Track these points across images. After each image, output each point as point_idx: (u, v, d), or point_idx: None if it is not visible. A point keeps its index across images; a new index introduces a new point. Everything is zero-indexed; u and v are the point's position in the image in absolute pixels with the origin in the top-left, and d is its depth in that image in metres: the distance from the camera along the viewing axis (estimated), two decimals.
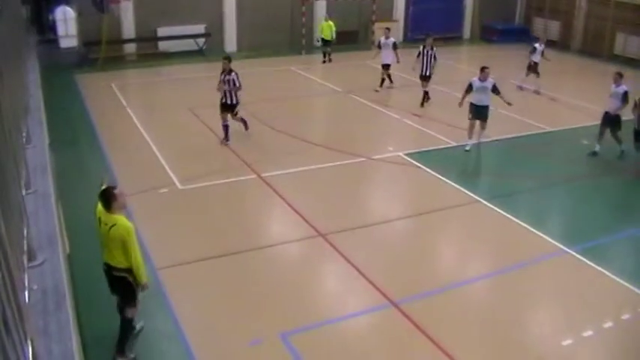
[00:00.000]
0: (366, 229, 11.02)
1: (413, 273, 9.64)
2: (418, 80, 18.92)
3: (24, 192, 6.18)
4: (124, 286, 7.04)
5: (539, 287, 9.46)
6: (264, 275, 9.40)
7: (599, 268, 9.71)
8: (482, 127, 15.22)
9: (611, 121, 14.67)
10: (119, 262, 6.89)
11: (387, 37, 20.65)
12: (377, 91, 20.44)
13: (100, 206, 6.91)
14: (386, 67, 20.64)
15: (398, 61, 20.44)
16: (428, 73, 18.69)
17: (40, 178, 7.04)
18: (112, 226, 6.73)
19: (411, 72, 19.60)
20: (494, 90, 14.98)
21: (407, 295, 8.85)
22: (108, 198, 6.81)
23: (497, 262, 10.22)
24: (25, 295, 4.24)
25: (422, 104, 18.66)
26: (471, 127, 15.12)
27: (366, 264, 9.61)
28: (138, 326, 7.77)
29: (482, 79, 15.00)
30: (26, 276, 4.63)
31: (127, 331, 7.29)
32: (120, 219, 6.77)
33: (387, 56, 20.52)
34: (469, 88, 15.16)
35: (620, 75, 14.69)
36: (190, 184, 12.52)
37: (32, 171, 7.03)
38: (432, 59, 18.67)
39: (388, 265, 9.81)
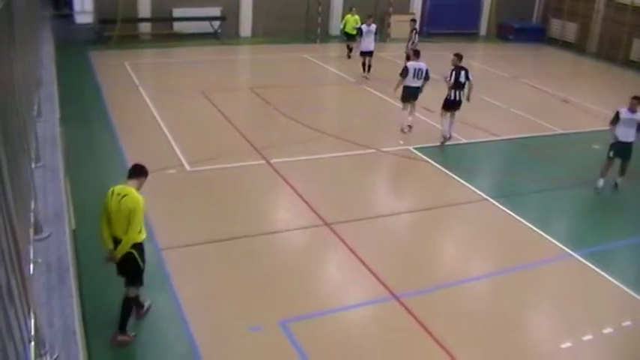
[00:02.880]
0: (372, 220, 11.01)
1: (416, 267, 9.64)
2: (432, 75, 17.20)
3: (33, 165, 6.19)
4: (130, 261, 7.02)
5: (542, 289, 9.44)
6: (267, 261, 9.41)
7: (603, 274, 9.68)
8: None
9: (622, 150, 12.73)
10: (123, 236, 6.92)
11: (368, 25, 21.03)
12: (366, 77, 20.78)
13: (114, 188, 6.95)
14: (368, 54, 20.93)
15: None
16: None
17: (49, 152, 7.05)
18: (124, 196, 6.79)
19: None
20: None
21: (409, 289, 8.84)
22: (140, 171, 7.11)
23: (502, 261, 10.19)
24: (29, 267, 4.25)
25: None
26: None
27: (370, 256, 9.60)
28: (146, 304, 7.80)
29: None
30: (32, 248, 4.64)
31: (129, 309, 7.30)
32: (132, 190, 6.86)
33: (369, 44, 20.87)
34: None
35: (638, 100, 12.49)
36: (199, 166, 12.53)
37: (42, 144, 7.05)
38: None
39: (392, 258, 9.81)
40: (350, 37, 23.90)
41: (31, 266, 4.37)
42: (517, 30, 30.78)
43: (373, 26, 21.07)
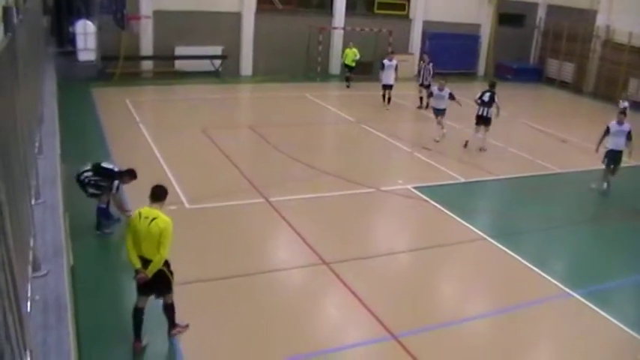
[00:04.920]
0: (371, 260, 10.98)
1: (414, 307, 9.58)
2: (431, 115, 18.95)
3: (33, 202, 6.20)
4: (162, 278, 7.55)
5: (542, 329, 9.37)
6: (266, 300, 9.36)
7: (603, 313, 9.62)
8: (614, 171, 15.45)
9: (615, 157, 15.28)
10: (156, 255, 7.39)
11: (390, 60, 22.49)
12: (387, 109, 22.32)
13: (140, 210, 7.46)
14: (388, 87, 22.22)
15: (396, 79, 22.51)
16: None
17: (49, 189, 7.06)
18: (154, 219, 7.32)
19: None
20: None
21: (407, 329, 8.78)
22: (161, 192, 7.64)
23: (500, 301, 10.14)
24: (27, 305, 4.23)
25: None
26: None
27: (368, 295, 9.55)
28: (144, 342, 7.84)
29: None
30: (29, 286, 4.62)
31: (172, 311, 7.93)
32: (160, 213, 7.42)
33: (389, 77, 22.24)
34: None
35: (624, 114, 15.64)
36: (198, 204, 12.54)
37: (42, 181, 7.06)
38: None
39: (390, 298, 9.75)
40: (350, 69, 26.04)
41: (29, 304, 4.35)
42: (515, 70, 31.15)
43: (394, 61, 22.52)
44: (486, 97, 17.80)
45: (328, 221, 12.60)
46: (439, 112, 18.56)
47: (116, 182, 10.82)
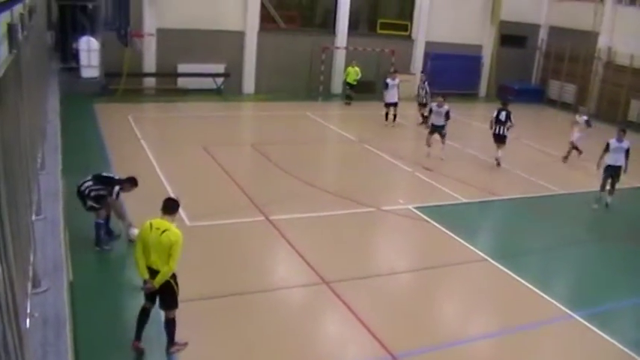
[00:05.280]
0: (371, 279, 10.95)
1: (415, 327, 9.54)
2: (434, 135, 19.02)
3: (34, 217, 6.19)
4: (168, 289, 7.66)
5: (543, 351, 9.33)
6: (266, 319, 9.32)
7: (604, 335, 9.57)
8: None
9: (614, 173, 15.60)
10: (164, 266, 7.53)
11: (393, 79, 22.88)
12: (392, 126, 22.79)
13: (151, 221, 7.64)
14: (392, 105, 22.71)
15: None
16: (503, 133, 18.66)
17: (51, 205, 7.06)
18: (165, 231, 7.48)
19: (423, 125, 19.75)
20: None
21: (407, 349, 8.74)
22: (174, 205, 7.83)
23: (501, 322, 10.10)
24: (26, 321, 4.21)
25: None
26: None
27: (369, 315, 9.51)
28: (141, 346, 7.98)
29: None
30: (29, 302, 4.61)
31: (173, 327, 7.93)
32: (172, 225, 7.58)
33: (393, 96, 22.68)
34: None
35: (623, 132, 15.84)
36: (199, 221, 12.51)
37: (44, 197, 7.06)
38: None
39: (390, 318, 9.71)
40: (351, 87, 26.35)
41: (28, 320, 4.33)
42: (517, 91, 31.23)
43: (397, 80, 22.97)
44: (502, 116, 18.45)
45: (329, 240, 12.58)
46: (438, 129, 18.83)
47: (117, 188, 10.80)
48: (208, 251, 11.42)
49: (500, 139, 18.54)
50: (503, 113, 18.54)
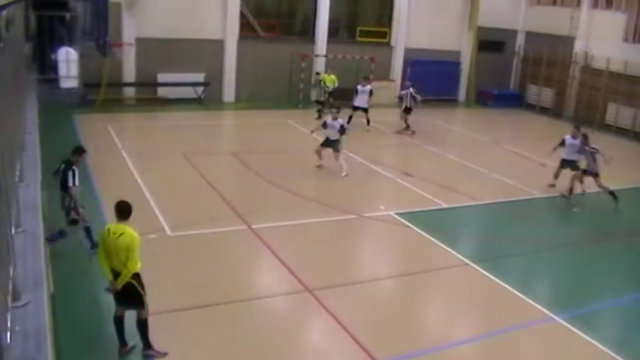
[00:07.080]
0: (354, 286, 10.97)
1: (398, 333, 9.57)
2: (414, 140, 19.13)
3: (13, 231, 6.16)
4: (132, 291, 7.82)
5: (525, 353, 9.40)
6: (248, 328, 9.30)
7: (586, 337, 9.67)
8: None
9: (568, 165, 16.83)
10: (123, 268, 7.71)
11: (363, 85, 23.22)
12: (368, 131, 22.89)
13: (109, 227, 7.83)
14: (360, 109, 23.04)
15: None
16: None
17: (30, 218, 7.03)
18: (121, 234, 7.65)
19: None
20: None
21: (390, 355, 8.77)
22: (125, 209, 7.87)
23: (483, 326, 10.16)
24: (6, 336, 4.19)
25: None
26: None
27: (352, 321, 9.53)
28: (130, 344, 8.21)
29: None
30: (9, 316, 4.58)
31: (146, 328, 8.08)
32: (127, 228, 7.74)
33: (362, 101, 23.01)
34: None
35: (577, 129, 16.93)
36: (180, 231, 12.48)
37: (23, 210, 7.02)
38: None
39: (373, 324, 9.74)
40: (329, 95, 25.60)
41: (8, 335, 4.30)
42: (496, 96, 31.49)
43: (368, 87, 23.10)
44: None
45: (311, 248, 12.59)
46: (332, 143, 17.55)
47: (70, 172, 10.53)
48: (190, 261, 11.38)
49: (569, 165, 17.07)
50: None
